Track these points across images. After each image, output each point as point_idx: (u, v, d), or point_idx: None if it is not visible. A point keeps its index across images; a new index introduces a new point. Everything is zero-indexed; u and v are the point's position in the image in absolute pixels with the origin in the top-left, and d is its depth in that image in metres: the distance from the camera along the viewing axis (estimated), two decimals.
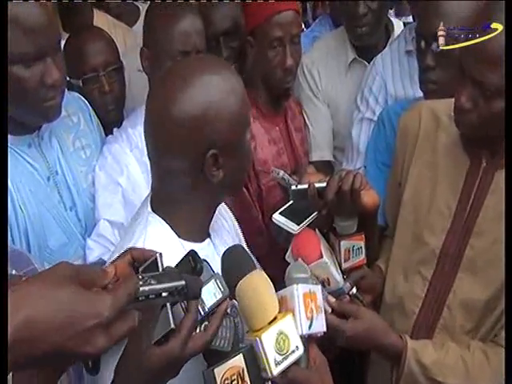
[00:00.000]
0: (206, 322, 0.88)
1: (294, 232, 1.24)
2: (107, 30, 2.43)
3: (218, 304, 0.89)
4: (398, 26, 2.20)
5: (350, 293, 1.30)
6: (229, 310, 0.94)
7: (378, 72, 1.98)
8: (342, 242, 1.28)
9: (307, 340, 0.96)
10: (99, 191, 1.51)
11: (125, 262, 0.85)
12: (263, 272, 0.97)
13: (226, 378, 0.89)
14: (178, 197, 1.05)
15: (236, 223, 1.33)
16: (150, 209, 1.07)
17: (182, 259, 0.88)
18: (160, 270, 0.84)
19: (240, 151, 1.05)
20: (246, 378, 0.90)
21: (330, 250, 1.29)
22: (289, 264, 1.13)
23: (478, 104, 1.16)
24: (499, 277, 1.22)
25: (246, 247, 1.16)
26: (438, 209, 1.33)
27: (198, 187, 1.03)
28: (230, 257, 0.98)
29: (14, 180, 1.30)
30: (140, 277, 0.74)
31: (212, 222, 1.14)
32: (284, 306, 0.96)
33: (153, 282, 0.74)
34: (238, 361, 0.90)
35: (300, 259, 1.16)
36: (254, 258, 1.00)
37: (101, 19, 2.57)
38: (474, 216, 1.29)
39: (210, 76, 1.00)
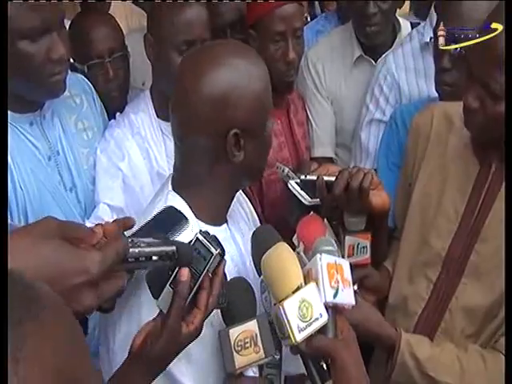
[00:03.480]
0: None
1: (306, 203, 1.25)
2: (124, 16, 2.44)
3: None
4: (404, 25, 2.20)
5: None
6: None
7: (390, 71, 1.96)
8: (347, 237, 1.29)
9: (334, 310, 0.96)
10: (100, 174, 1.50)
11: (114, 225, 0.82)
12: (286, 244, 0.99)
13: (240, 340, 0.94)
14: (199, 177, 1.06)
15: (254, 213, 1.34)
16: (170, 188, 1.09)
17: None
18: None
19: (261, 136, 1.07)
20: (259, 343, 0.94)
21: (335, 242, 1.29)
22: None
23: (485, 104, 1.16)
24: (502, 284, 1.21)
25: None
26: (445, 212, 1.33)
27: (219, 168, 1.05)
28: (257, 237, 1.03)
29: (14, 158, 1.29)
30: (130, 240, 0.74)
31: (230, 209, 1.15)
32: (310, 279, 0.96)
33: (143, 245, 0.74)
34: (252, 326, 0.95)
35: (302, 243, 1.15)
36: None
37: (118, 6, 2.57)
38: (481, 221, 1.28)
39: (238, 58, 1.04)
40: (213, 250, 0.87)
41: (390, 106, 1.97)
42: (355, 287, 1.30)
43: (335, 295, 0.95)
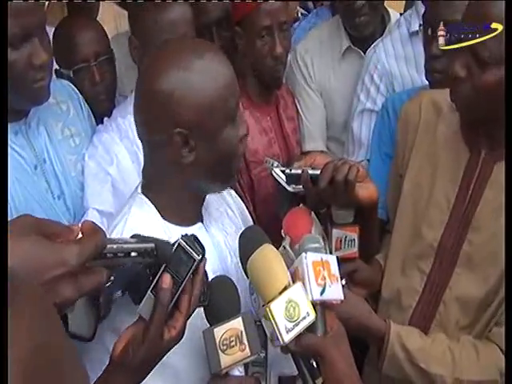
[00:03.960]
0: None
1: (289, 189, 1.25)
2: (113, 18, 2.44)
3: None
4: (394, 16, 2.18)
5: None
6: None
7: (380, 60, 1.95)
8: (334, 231, 1.27)
9: (323, 307, 0.96)
10: (88, 180, 1.50)
11: (91, 224, 0.80)
12: (271, 245, 0.99)
13: (225, 339, 0.93)
14: (159, 178, 1.06)
15: (247, 212, 1.33)
16: (140, 190, 1.09)
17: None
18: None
19: (216, 139, 1.01)
20: (245, 341, 0.93)
21: (323, 236, 1.28)
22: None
23: (472, 72, 1.14)
24: (496, 273, 1.21)
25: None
26: (436, 202, 1.31)
27: (175, 168, 1.03)
28: (243, 238, 1.02)
29: None
30: (109, 237, 0.75)
31: (210, 209, 1.14)
32: (297, 278, 0.96)
33: (121, 242, 0.76)
34: (237, 323, 0.94)
35: (288, 237, 1.15)
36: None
37: (107, 9, 2.58)
38: (472, 209, 1.26)
39: (192, 57, 1.00)
40: (195, 255, 0.86)
41: (381, 96, 1.95)
42: (343, 281, 1.30)
43: (322, 292, 0.96)
